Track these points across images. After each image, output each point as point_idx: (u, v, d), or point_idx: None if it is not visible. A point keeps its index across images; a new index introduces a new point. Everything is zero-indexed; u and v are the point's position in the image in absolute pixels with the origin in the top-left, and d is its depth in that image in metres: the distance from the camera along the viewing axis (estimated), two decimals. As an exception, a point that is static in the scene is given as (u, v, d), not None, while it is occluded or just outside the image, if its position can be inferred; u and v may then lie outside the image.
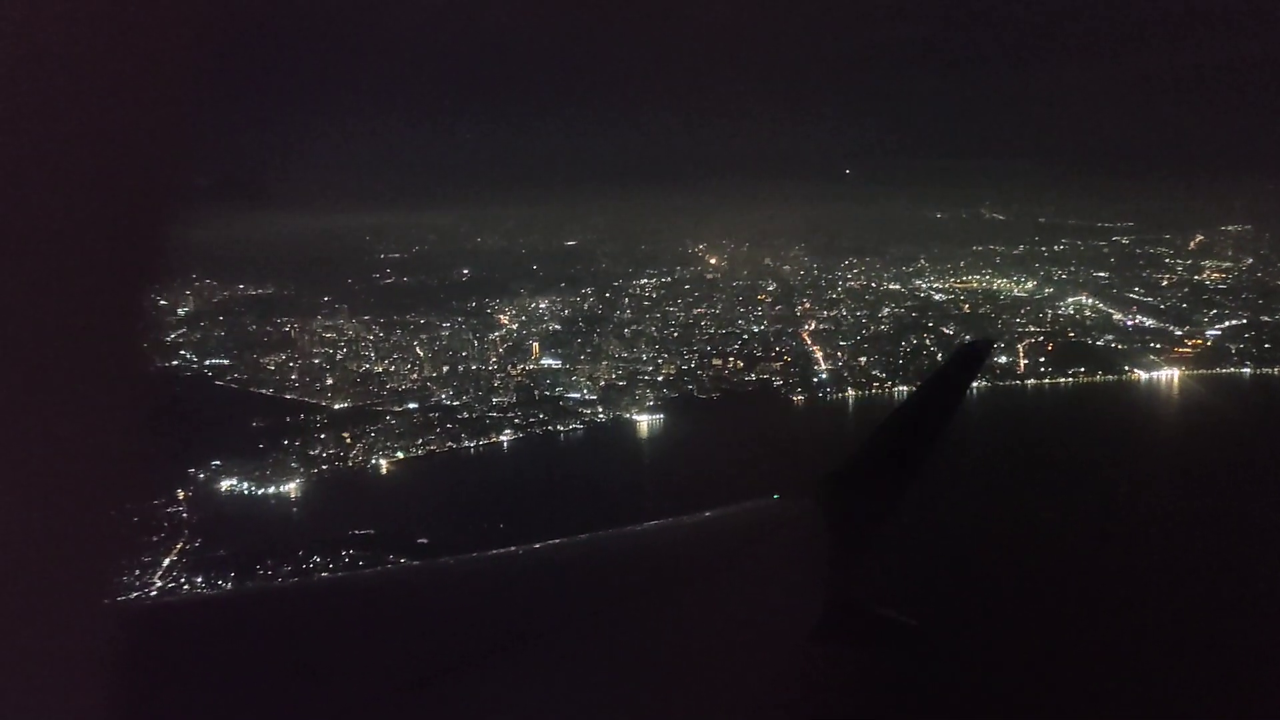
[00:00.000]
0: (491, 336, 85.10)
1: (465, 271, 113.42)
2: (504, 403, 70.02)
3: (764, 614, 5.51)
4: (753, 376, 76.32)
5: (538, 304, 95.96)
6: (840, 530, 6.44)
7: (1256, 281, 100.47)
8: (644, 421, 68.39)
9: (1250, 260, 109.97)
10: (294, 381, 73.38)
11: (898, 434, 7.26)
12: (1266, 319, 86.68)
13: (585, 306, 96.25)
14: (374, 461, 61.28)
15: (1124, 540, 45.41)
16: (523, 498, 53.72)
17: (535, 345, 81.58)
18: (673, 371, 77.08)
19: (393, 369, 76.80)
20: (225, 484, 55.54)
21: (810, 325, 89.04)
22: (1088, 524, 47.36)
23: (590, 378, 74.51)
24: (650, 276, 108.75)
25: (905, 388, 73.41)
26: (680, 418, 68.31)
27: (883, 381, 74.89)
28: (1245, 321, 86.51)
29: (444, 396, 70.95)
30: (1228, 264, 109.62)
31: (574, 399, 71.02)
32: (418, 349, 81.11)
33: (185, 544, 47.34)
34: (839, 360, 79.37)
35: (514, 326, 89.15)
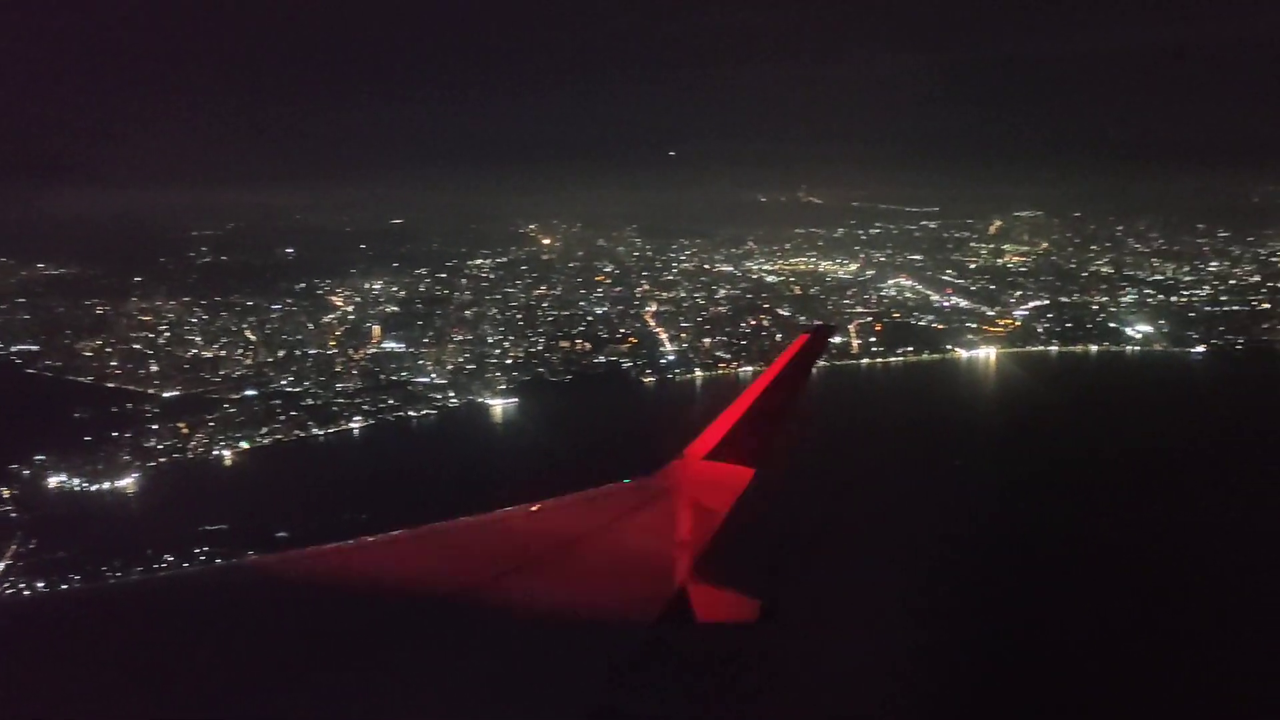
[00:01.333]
0: (326, 319, 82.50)
1: (289, 251, 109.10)
2: (349, 388, 68.13)
3: (618, 596, 5.80)
4: (602, 359, 77.32)
5: (371, 285, 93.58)
6: (690, 512, 6.90)
7: (1053, 265, 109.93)
8: (498, 406, 68.14)
9: (1044, 245, 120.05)
10: (115, 368, 68.85)
11: (745, 418, 7.64)
12: (1065, 300, 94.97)
13: (422, 288, 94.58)
14: (216, 452, 58.47)
15: (972, 516, 48.27)
16: (380, 487, 52.62)
17: (376, 328, 79.71)
18: (521, 354, 77.09)
19: (223, 353, 73.29)
20: (54, 481, 51.73)
21: (651, 307, 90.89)
22: (940, 500, 50.02)
23: (438, 361, 73.52)
24: (485, 257, 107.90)
25: (751, 368, 76.29)
26: (535, 401, 68.50)
27: (728, 362, 77.38)
28: (1048, 302, 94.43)
29: (284, 382, 68.37)
30: (1025, 248, 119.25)
31: (423, 383, 69.93)
32: (247, 332, 77.69)
33: (19, 546, 44.01)
34: (683, 342, 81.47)
35: (348, 309, 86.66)
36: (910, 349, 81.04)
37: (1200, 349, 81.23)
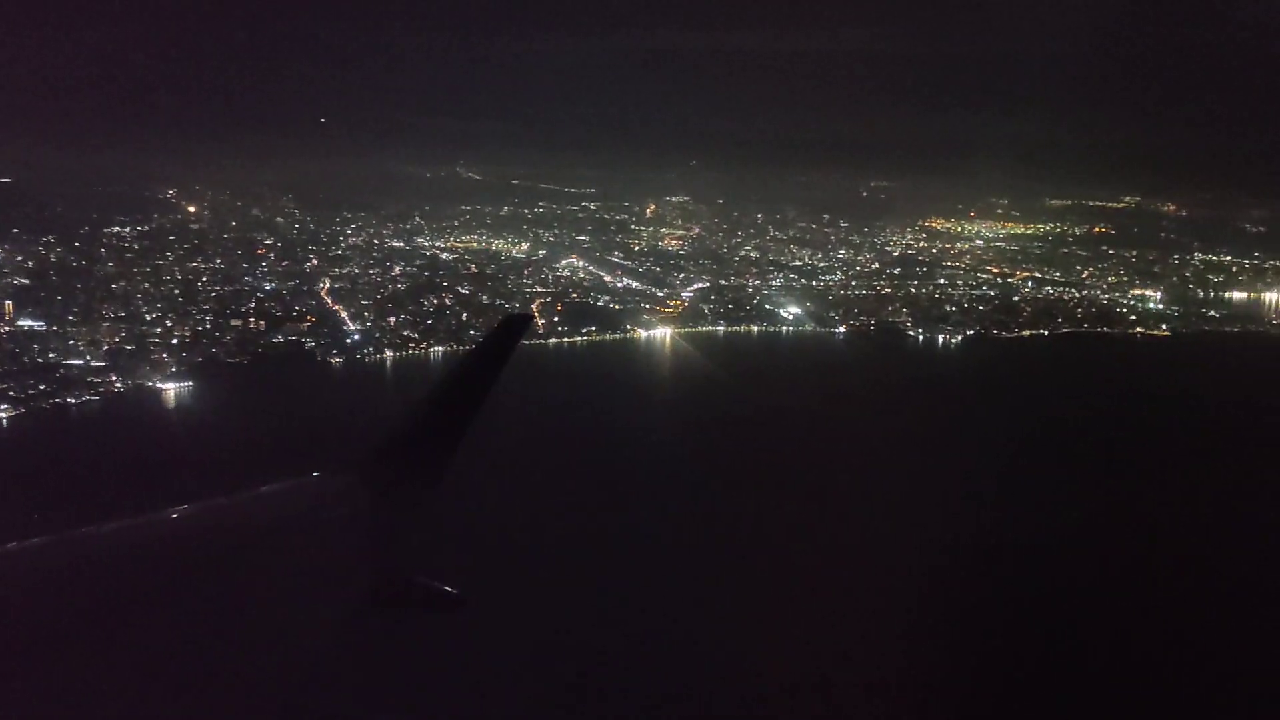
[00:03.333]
0: (-65, 293, 72.13)
1: None
2: (-16, 372, 60.54)
3: (308, 591, 5.67)
4: (281, 338, 74.19)
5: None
6: (384, 505, 6.71)
7: (707, 249, 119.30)
8: (170, 390, 63.53)
9: (697, 230, 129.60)
10: None
11: (441, 405, 7.57)
12: (724, 283, 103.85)
13: (53, 258, 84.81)
14: None
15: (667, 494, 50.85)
16: (45, 482, 47.74)
17: (8, 304, 70.85)
18: (187, 333, 72.04)
19: None
20: None
21: (325, 283, 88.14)
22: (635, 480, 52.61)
23: (91, 341, 66.97)
24: (124, 224, 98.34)
25: (441, 348, 76.70)
26: (212, 385, 64.64)
27: (417, 342, 77.18)
28: (709, 285, 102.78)
29: (-103, 367, 59.42)
30: (681, 232, 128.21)
31: (77, 366, 63.53)
32: None
33: None
34: (367, 320, 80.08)
35: (-39, 281, 76.09)
36: (594, 328, 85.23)
37: (842, 329, 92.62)
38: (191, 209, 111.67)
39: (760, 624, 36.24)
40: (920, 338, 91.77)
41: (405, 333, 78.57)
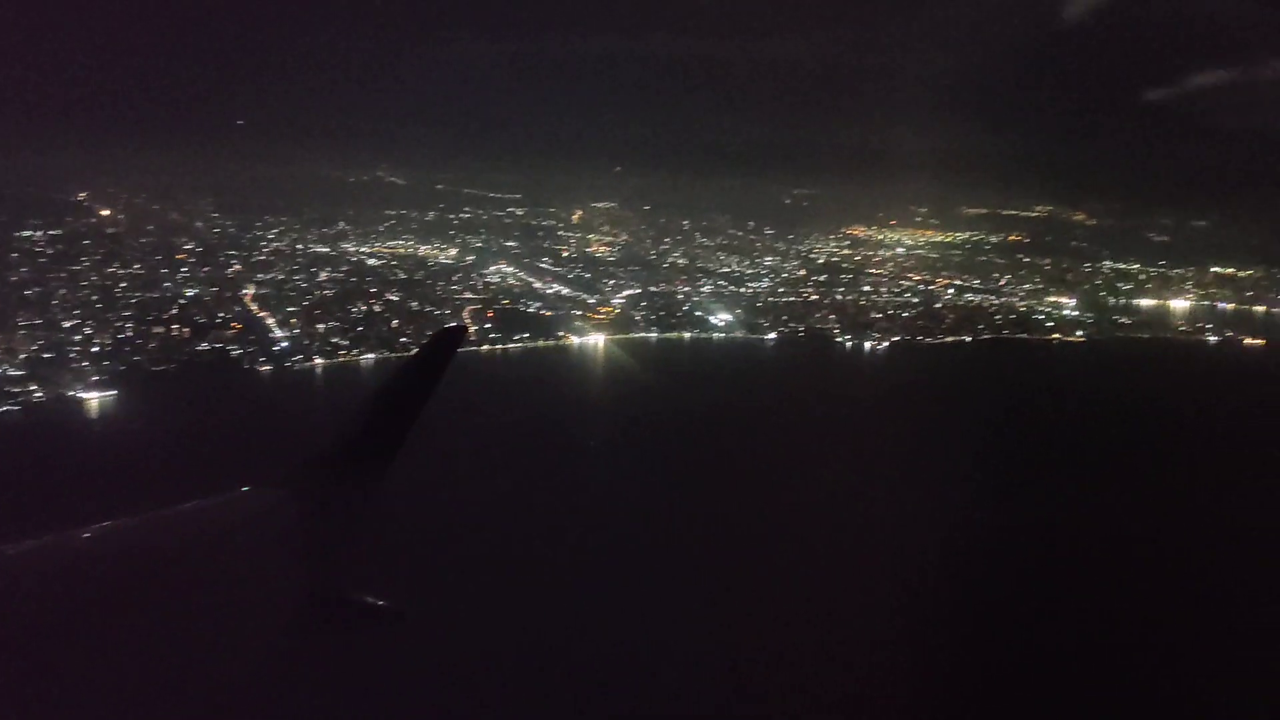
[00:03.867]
0: None
1: None
2: (-107, 383, 58.32)
3: (238, 612, 5.54)
4: (206, 346, 72.76)
5: (-112, 257, 79.33)
6: (313, 519, 6.58)
7: (635, 255, 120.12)
8: (94, 399, 61.92)
9: (625, 236, 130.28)
10: None
11: (375, 418, 7.47)
12: (654, 290, 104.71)
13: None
14: None
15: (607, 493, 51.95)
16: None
17: (-86, 311, 68.32)
18: (109, 341, 70.24)
19: None
20: None
21: (250, 289, 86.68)
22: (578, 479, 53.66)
23: (6, 350, 64.87)
24: (36, 229, 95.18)
25: (372, 356, 76.04)
26: (137, 394, 63.14)
27: (348, 349, 76.40)
28: (639, 291, 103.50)
29: None
30: (609, 238, 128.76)
31: (-9, 375, 61.57)
32: None
33: None
34: (294, 327, 78.95)
35: None
36: (527, 335, 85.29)
37: (772, 335, 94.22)
38: (106, 212, 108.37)
39: (708, 627, 37.02)
40: (848, 344, 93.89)
41: (335, 340, 77.69)
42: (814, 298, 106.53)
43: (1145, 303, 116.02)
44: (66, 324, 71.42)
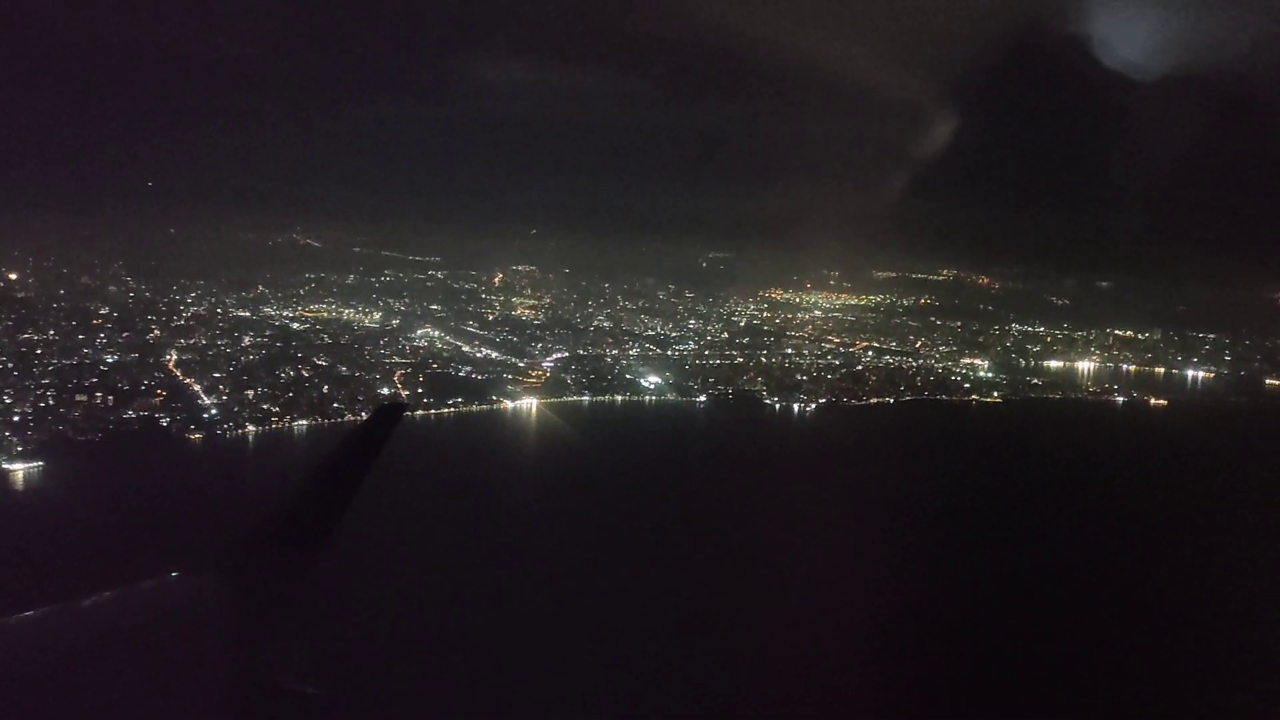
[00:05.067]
0: None
1: None
2: None
3: (165, 697, 5.51)
4: (132, 414, 71.29)
5: None
6: (245, 604, 6.50)
7: (560, 319, 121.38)
8: (19, 471, 60.16)
9: (548, 299, 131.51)
10: None
11: (310, 498, 7.29)
12: (582, 353, 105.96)
13: None
14: None
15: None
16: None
17: None
18: (29, 409, 68.40)
19: None
20: None
21: (172, 356, 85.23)
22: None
23: (-79, 420, 62.83)
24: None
25: (305, 422, 75.43)
26: (64, 465, 61.52)
27: (280, 416, 75.58)
28: (567, 355, 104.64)
29: None
30: (532, 301, 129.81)
31: (-94, 448, 59.47)
32: None
33: None
34: (223, 394, 77.87)
35: None
36: (460, 399, 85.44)
37: (702, 398, 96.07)
38: (13, 276, 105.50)
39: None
40: (777, 406, 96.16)
41: (265, 406, 76.80)
42: (739, 360, 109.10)
43: (1053, 364, 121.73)
44: (-17, 392, 69.34)
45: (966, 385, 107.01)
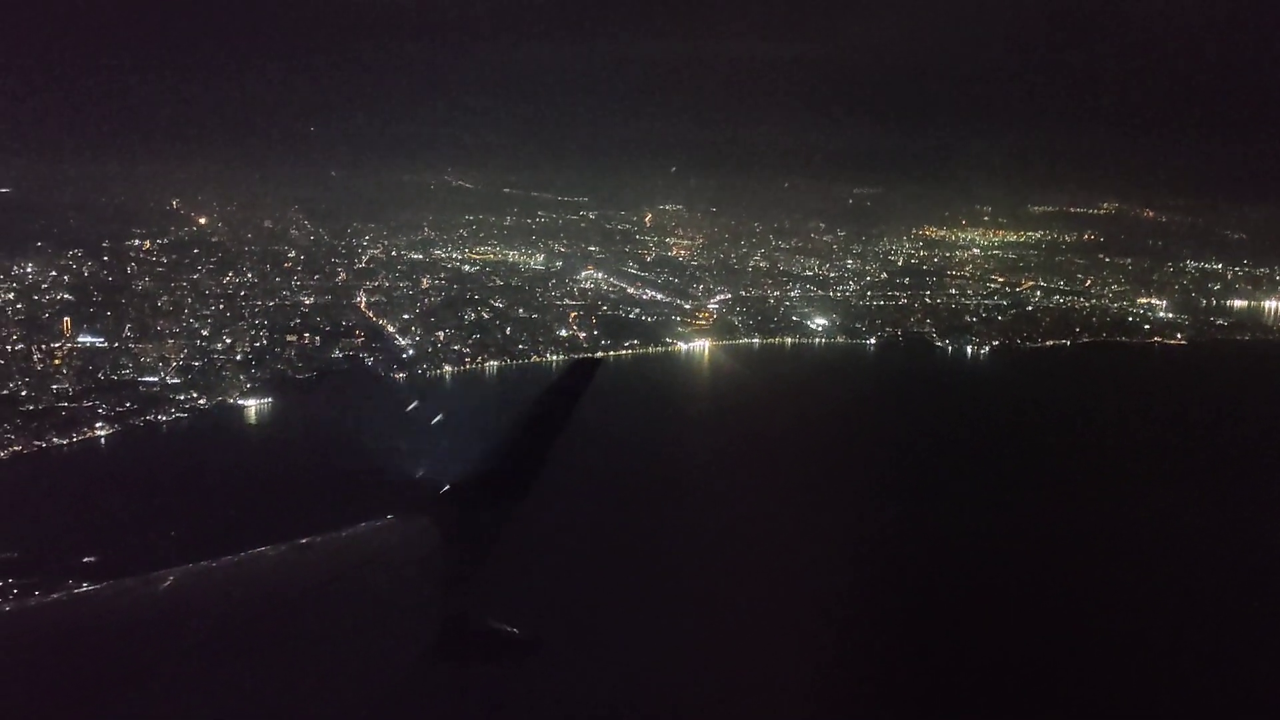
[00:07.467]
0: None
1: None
2: (66, 390, 62.43)
3: (381, 637, 5.92)
4: (339, 354, 76.59)
5: (24, 270, 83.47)
6: (457, 547, 6.91)
7: (717, 259, 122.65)
8: (252, 407, 65.94)
9: (701, 239, 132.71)
10: None
11: (514, 447, 7.82)
12: (744, 293, 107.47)
13: (86, 273, 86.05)
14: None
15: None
16: (167, 499, 49.82)
17: (67, 320, 72.38)
18: (249, 350, 74.29)
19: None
20: None
21: (361, 298, 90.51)
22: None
23: (160, 359, 69.02)
24: (141, 237, 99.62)
25: (495, 363, 79.75)
26: (289, 401, 66.91)
27: (472, 357, 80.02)
28: (731, 296, 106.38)
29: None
30: (686, 241, 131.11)
31: (154, 383, 65.61)
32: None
33: None
34: (415, 335, 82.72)
35: (8, 296, 77.32)
36: (635, 342, 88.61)
37: (872, 340, 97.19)
38: (202, 220, 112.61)
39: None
40: (949, 349, 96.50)
41: (456, 347, 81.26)
42: (903, 301, 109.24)
43: (1238, 303, 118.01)
44: (204, 332, 75.45)
45: (1146, 326, 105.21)
